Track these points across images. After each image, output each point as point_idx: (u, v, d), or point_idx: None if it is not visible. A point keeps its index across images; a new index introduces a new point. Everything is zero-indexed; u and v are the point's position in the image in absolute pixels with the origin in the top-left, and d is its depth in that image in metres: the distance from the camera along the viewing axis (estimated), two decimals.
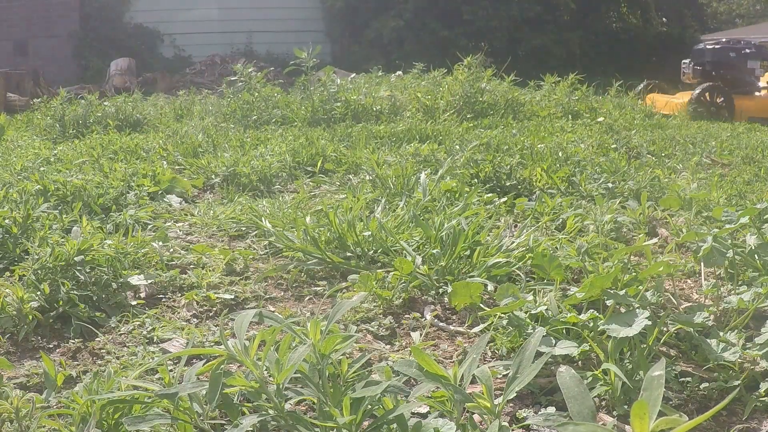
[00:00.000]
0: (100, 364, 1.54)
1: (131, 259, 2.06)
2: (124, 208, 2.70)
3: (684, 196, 2.67)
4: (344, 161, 3.58)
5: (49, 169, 3.33)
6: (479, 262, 1.97)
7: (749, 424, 1.28)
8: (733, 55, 7.20)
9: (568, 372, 1.06)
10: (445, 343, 1.65)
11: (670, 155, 3.93)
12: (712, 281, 1.84)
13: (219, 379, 1.15)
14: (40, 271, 1.83)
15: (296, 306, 1.89)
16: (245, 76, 6.10)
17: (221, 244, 2.37)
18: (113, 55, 11.28)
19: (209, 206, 2.82)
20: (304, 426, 1.13)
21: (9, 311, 1.69)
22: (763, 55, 7.19)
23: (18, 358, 1.59)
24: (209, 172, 3.41)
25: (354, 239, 2.15)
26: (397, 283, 1.88)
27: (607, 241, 2.18)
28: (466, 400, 1.13)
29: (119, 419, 1.19)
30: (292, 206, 2.66)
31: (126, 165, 3.48)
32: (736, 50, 7.21)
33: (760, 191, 2.94)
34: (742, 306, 1.55)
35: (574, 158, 3.40)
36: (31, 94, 7.82)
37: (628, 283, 1.61)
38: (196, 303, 1.88)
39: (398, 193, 2.83)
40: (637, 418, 0.86)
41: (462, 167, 3.17)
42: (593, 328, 1.46)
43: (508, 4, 13.34)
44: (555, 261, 1.83)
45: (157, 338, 1.65)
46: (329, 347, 1.21)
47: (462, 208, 2.41)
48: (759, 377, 1.38)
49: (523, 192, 2.96)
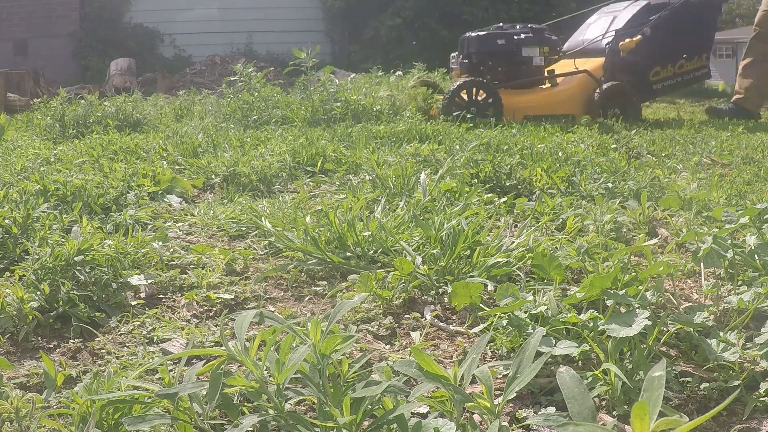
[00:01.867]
0: (100, 364, 1.54)
1: (131, 259, 2.06)
2: (124, 208, 2.70)
3: (684, 196, 2.67)
4: (344, 161, 3.59)
5: (49, 169, 3.33)
6: (479, 262, 1.97)
7: (749, 424, 1.28)
8: (501, 42, 5.88)
9: (568, 372, 1.06)
10: (445, 343, 1.65)
11: (670, 155, 3.93)
12: (712, 281, 1.84)
13: (219, 380, 1.15)
14: (40, 271, 1.83)
15: (296, 306, 1.89)
16: (245, 77, 6.11)
17: (221, 244, 2.37)
18: (113, 55, 11.27)
19: (209, 206, 2.82)
20: (304, 426, 1.13)
21: (9, 311, 1.69)
22: (543, 41, 5.97)
23: (18, 358, 1.59)
24: (209, 172, 3.41)
25: (354, 239, 2.15)
26: (397, 283, 1.88)
27: (607, 241, 2.18)
28: (466, 400, 1.13)
29: (119, 419, 1.19)
30: (292, 206, 2.66)
31: (126, 165, 3.48)
32: (506, 36, 5.92)
33: (760, 191, 2.94)
34: (742, 306, 1.56)
35: (574, 158, 3.40)
36: (31, 94, 7.82)
37: (628, 283, 1.61)
38: (196, 303, 1.88)
39: (398, 193, 2.83)
40: (638, 418, 0.86)
41: (462, 167, 3.17)
42: (593, 328, 1.46)
43: (508, 4, 13.34)
44: (555, 261, 1.83)
45: (157, 338, 1.65)
46: (329, 347, 1.21)
47: (462, 208, 2.41)
48: (759, 377, 1.38)
49: (523, 192, 2.96)
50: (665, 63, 6.19)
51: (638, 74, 6.07)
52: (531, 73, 5.90)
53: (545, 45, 5.96)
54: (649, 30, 5.96)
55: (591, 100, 5.80)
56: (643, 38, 5.92)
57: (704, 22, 6.31)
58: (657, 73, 6.21)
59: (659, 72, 6.21)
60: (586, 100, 5.86)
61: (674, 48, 6.19)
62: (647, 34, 5.95)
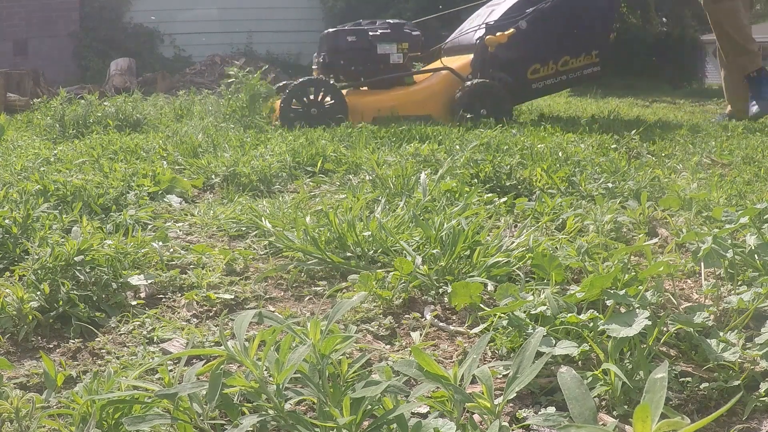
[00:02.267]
0: (100, 364, 1.54)
1: (131, 259, 2.06)
2: (124, 208, 2.70)
3: (684, 196, 2.67)
4: (344, 161, 3.58)
5: (49, 169, 3.33)
6: (479, 262, 1.97)
7: (749, 424, 1.28)
8: (352, 39, 5.42)
9: (569, 372, 1.06)
10: (445, 343, 1.65)
11: (670, 155, 3.93)
12: (712, 281, 1.84)
13: (219, 380, 1.15)
14: (40, 271, 1.83)
15: (296, 306, 1.89)
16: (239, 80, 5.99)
17: (221, 244, 2.37)
18: (113, 55, 11.28)
19: (209, 206, 2.82)
20: (304, 426, 1.13)
21: (9, 311, 1.69)
22: (401, 38, 5.48)
23: (18, 358, 1.59)
24: (209, 172, 3.41)
25: (354, 239, 2.15)
26: (397, 283, 1.88)
27: (607, 241, 2.18)
28: (467, 400, 1.13)
29: (119, 419, 1.19)
30: (292, 206, 2.66)
31: (126, 165, 3.48)
32: (358, 33, 5.46)
33: (760, 191, 2.94)
34: (742, 306, 1.55)
35: (574, 158, 3.40)
36: (31, 94, 7.82)
37: (628, 283, 1.61)
38: (196, 303, 1.88)
39: (398, 193, 2.83)
40: (640, 421, 0.86)
41: (462, 167, 3.17)
42: (593, 328, 1.46)
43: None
44: (555, 261, 1.83)
45: (157, 338, 1.65)
46: (329, 347, 1.21)
47: (462, 208, 2.41)
48: (759, 377, 1.37)
49: (523, 192, 2.96)
50: (545, 60, 5.65)
51: (514, 72, 5.56)
52: (389, 71, 5.46)
53: (404, 41, 5.51)
54: (525, 23, 5.46)
55: (453, 100, 5.33)
56: (518, 32, 5.42)
57: (594, 15, 5.74)
58: (536, 70, 5.68)
59: (539, 69, 5.68)
60: (447, 100, 5.39)
61: (556, 43, 5.66)
62: (522, 27, 5.45)
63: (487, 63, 5.42)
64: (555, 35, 5.62)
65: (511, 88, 5.47)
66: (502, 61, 5.46)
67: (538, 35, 5.52)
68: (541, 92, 5.88)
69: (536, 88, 5.75)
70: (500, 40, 5.30)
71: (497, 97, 5.32)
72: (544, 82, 5.72)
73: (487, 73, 5.40)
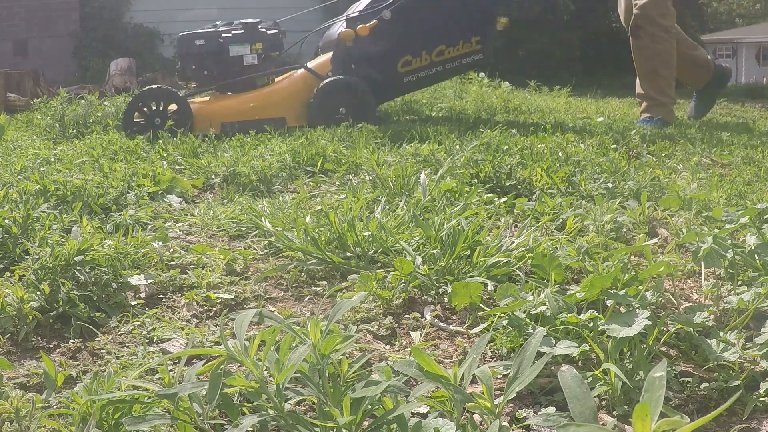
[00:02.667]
0: (100, 364, 1.54)
1: (131, 259, 2.06)
2: (124, 208, 2.70)
3: (684, 196, 2.67)
4: (344, 161, 3.58)
5: (49, 169, 3.33)
6: (479, 262, 1.97)
7: (749, 424, 1.28)
8: (201, 42, 5.03)
9: (570, 372, 1.06)
10: (445, 343, 1.65)
11: (670, 155, 3.93)
12: (712, 281, 1.84)
13: (219, 379, 1.15)
14: (40, 271, 1.83)
15: (296, 306, 1.89)
16: None
17: (221, 244, 2.37)
18: (113, 55, 11.26)
19: (209, 206, 2.82)
20: (304, 426, 1.13)
21: (9, 311, 1.69)
22: (255, 38, 5.12)
23: (18, 358, 1.59)
24: (209, 172, 3.41)
25: (354, 239, 2.15)
26: (397, 283, 1.88)
27: (607, 241, 2.18)
28: (467, 400, 1.13)
29: (119, 419, 1.19)
30: (292, 206, 2.66)
31: (126, 165, 3.48)
32: (207, 36, 5.09)
33: (760, 191, 2.94)
34: (742, 306, 1.55)
35: (574, 158, 3.40)
36: (31, 94, 7.81)
37: (628, 283, 1.61)
38: (196, 303, 1.88)
39: (398, 193, 2.83)
40: (639, 419, 0.86)
41: (462, 167, 3.17)
42: (593, 328, 1.46)
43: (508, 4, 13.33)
44: (555, 261, 1.83)
45: (157, 338, 1.65)
46: (329, 347, 1.21)
47: (462, 208, 2.41)
48: (759, 377, 1.37)
49: (523, 192, 2.96)
50: (418, 51, 5.13)
51: (382, 66, 5.09)
52: (244, 73, 5.07)
53: (258, 41, 5.13)
54: (390, 13, 5.01)
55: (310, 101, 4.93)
56: (382, 23, 4.99)
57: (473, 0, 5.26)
58: (408, 62, 5.16)
59: (411, 62, 5.16)
60: (304, 102, 4.97)
61: (429, 32, 5.15)
62: (387, 18, 5.01)
63: (348, 59, 5.02)
64: (427, 23, 5.17)
65: (378, 83, 5.07)
66: (366, 56, 5.03)
67: (406, 25, 5.08)
68: (414, 85, 5.38)
69: (409, 82, 5.26)
70: (361, 33, 4.92)
71: (357, 95, 4.90)
72: (417, 74, 5.22)
73: (348, 69, 5.01)
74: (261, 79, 5.14)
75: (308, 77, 5.06)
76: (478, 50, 5.30)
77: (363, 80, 4.96)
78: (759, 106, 8.21)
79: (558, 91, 8.34)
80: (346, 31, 4.98)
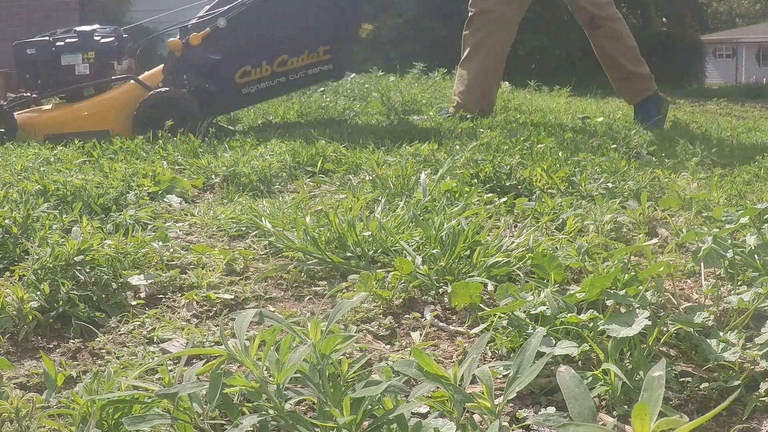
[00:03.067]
0: (100, 364, 1.54)
1: (131, 259, 2.06)
2: (124, 208, 2.70)
3: (684, 196, 2.67)
4: (344, 161, 3.58)
5: (49, 169, 3.33)
6: (479, 262, 1.97)
7: (749, 424, 1.28)
8: (32, 51, 4.76)
9: (568, 372, 1.06)
10: (445, 343, 1.65)
11: (670, 155, 3.93)
12: (712, 281, 1.84)
13: (219, 379, 1.15)
14: (40, 271, 1.83)
15: (296, 306, 1.89)
16: None
17: (221, 244, 2.37)
18: None
19: (209, 206, 2.82)
20: (304, 426, 1.13)
21: (9, 311, 1.69)
22: (87, 46, 4.80)
23: (18, 358, 1.59)
24: (209, 172, 3.41)
25: (354, 239, 2.15)
26: (397, 283, 1.88)
27: (607, 241, 2.18)
28: (467, 400, 1.13)
29: (119, 419, 1.19)
30: (292, 206, 2.66)
31: (126, 165, 3.48)
32: (39, 45, 4.80)
33: (760, 191, 2.94)
34: (742, 306, 1.56)
35: (574, 158, 3.40)
36: None
37: (628, 283, 1.61)
38: (196, 303, 1.88)
39: (398, 193, 2.83)
40: (638, 419, 0.86)
41: (462, 167, 3.17)
42: (593, 328, 1.46)
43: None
44: (555, 261, 1.83)
45: (157, 338, 1.66)
46: (329, 347, 1.21)
47: (462, 208, 2.41)
48: (759, 377, 1.38)
49: (523, 192, 2.96)
50: (257, 61, 4.87)
51: (218, 76, 4.84)
52: (77, 83, 4.82)
53: (90, 50, 4.84)
54: (225, 21, 4.76)
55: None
56: (216, 31, 4.75)
57: (320, 8, 4.96)
58: (247, 73, 4.88)
59: (250, 72, 4.88)
60: (130, 114, 4.67)
61: (269, 41, 4.89)
62: (222, 26, 4.76)
63: (179, 69, 4.77)
64: (267, 32, 4.89)
65: (214, 95, 4.82)
66: (201, 66, 4.79)
67: (243, 34, 4.82)
68: (255, 98, 5.04)
69: (248, 94, 4.94)
70: (193, 42, 4.70)
71: (184, 108, 4.61)
72: (257, 86, 4.92)
73: (179, 80, 4.78)
74: (89, 90, 4.88)
75: (136, 88, 4.80)
76: (327, 60, 5.01)
77: (195, 92, 4.71)
78: (759, 106, 8.21)
79: (558, 91, 8.35)
80: (174, 40, 4.80)
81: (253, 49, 4.85)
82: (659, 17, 16.21)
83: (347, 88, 6.79)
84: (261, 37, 4.85)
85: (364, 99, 6.30)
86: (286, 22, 4.88)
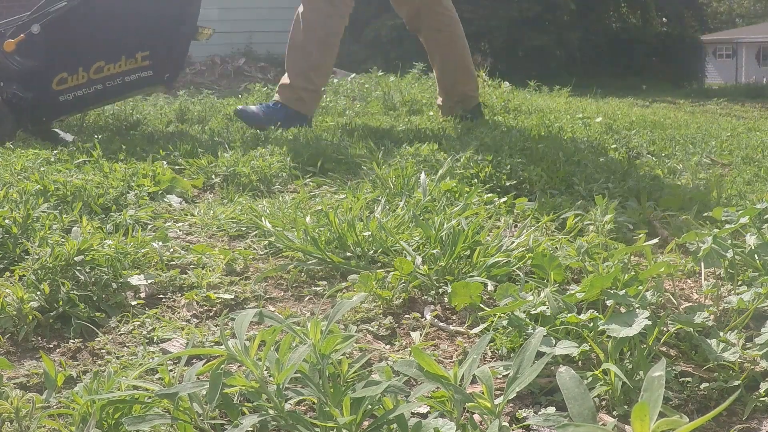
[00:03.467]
0: (100, 364, 1.54)
1: (131, 259, 2.06)
2: (124, 208, 2.70)
3: (684, 196, 2.67)
4: (344, 161, 3.58)
5: (49, 169, 3.33)
6: (479, 262, 1.97)
7: (749, 424, 1.28)
8: None
9: (568, 372, 1.06)
10: (445, 343, 1.65)
11: (670, 155, 3.93)
12: (712, 281, 1.84)
13: (219, 379, 1.15)
14: (40, 271, 1.83)
15: (296, 306, 1.89)
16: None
17: (221, 244, 2.37)
18: None
19: (209, 206, 2.82)
20: (304, 426, 1.13)
21: (9, 311, 1.69)
22: None
23: (18, 358, 1.59)
24: (209, 172, 3.41)
25: (354, 239, 2.15)
26: (397, 283, 1.88)
27: (607, 241, 2.18)
28: (467, 400, 1.13)
29: (119, 419, 1.19)
30: (292, 206, 2.66)
31: (126, 165, 3.48)
32: None
33: (760, 191, 2.94)
34: (742, 306, 1.56)
35: (574, 158, 3.40)
36: None
37: (628, 283, 1.61)
38: (196, 303, 1.88)
39: (398, 193, 2.83)
40: (638, 419, 0.86)
41: (462, 167, 3.17)
42: (593, 328, 1.46)
43: (508, 4, 13.35)
44: (555, 261, 1.83)
45: (157, 338, 1.66)
46: (329, 347, 1.21)
47: (462, 208, 2.41)
48: (759, 377, 1.38)
49: (523, 192, 2.96)
50: (74, 68, 4.66)
51: (35, 84, 4.62)
52: None
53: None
54: (39, 27, 4.53)
55: None
56: (31, 37, 4.52)
57: (137, 13, 4.79)
58: (63, 80, 4.66)
59: (67, 79, 4.66)
60: None
61: (86, 47, 4.68)
62: (36, 32, 4.53)
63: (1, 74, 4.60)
64: (83, 38, 4.68)
65: (30, 103, 4.59)
66: (14, 73, 4.56)
67: (58, 39, 4.60)
68: (71, 106, 4.80)
69: (66, 101, 4.69)
70: (7, 48, 4.45)
71: None
72: (74, 93, 4.69)
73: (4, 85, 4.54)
74: None
75: None
76: (146, 67, 4.79)
77: (10, 100, 4.50)
78: (759, 106, 8.21)
79: (558, 91, 8.35)
80: None
81: (69, 56, 4.65)
82: (659, 17, 16.22)
83: (347, 88, 6.79)
84: (77, 44, 4.65)
85: (364, 99, 6.30)
86: (102, 27, 4.69)
